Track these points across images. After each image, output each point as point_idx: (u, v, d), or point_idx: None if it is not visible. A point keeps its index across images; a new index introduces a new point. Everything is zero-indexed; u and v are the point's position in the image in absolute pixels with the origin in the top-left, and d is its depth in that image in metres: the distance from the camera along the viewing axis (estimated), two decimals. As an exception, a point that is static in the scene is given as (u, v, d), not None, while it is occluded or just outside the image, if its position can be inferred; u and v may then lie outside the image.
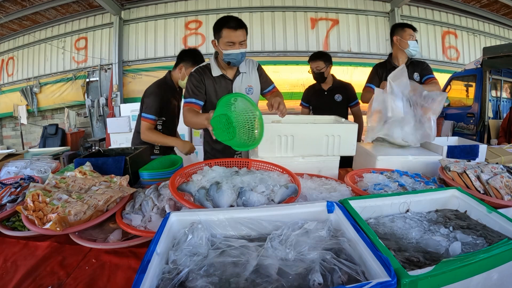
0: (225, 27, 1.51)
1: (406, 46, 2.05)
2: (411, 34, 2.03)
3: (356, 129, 1.47)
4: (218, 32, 1.55)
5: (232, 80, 1.70)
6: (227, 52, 1.53)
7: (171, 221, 0.73)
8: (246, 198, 0.93)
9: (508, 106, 5.11)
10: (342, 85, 2.55)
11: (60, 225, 0.87)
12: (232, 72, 1.71)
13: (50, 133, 5.85)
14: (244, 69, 1.72)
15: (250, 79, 1.74)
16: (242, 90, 1.72)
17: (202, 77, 1.68)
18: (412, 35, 2.03)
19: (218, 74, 1.68)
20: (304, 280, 0.58)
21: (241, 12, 5.84)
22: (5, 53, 6.82)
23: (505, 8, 6.23)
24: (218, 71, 1.68)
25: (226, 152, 1.70)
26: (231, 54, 1.54)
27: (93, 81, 6.30)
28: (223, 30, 1.51)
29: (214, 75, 1.68)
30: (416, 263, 0.64)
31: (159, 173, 1.33)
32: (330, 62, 2.47)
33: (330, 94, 2.50)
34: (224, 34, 1.51)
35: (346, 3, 5.98)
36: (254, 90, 1.75)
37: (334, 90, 2.51)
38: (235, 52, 1.53)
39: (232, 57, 1.55)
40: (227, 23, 1.50)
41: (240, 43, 1.53)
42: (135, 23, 6.11)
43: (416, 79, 2.11)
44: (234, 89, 1.71)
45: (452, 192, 0.96)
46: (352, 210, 0.78)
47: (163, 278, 0.58)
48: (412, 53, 2.06)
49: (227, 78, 1.70)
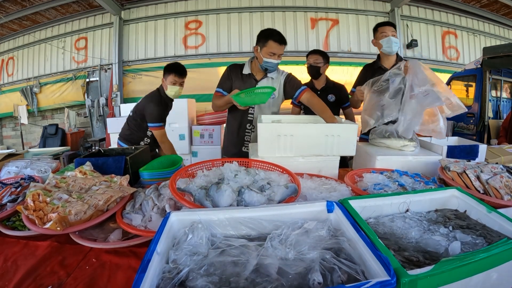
0: (272, 39, 1.75)
1: (380, 47, 2.03)
2: (383, 31, 1.98)
3: (356, 129, 1.47)
4: (264, 42, 1.78)
5: (258, 80, 1.92)
6: (267, 60, 1.79)
7: (171, 220, 0.73)
8: (246, 198, 0.93)
9: (508, 106, 5.11)
10: (335, 86, 2.54)
11: (60, 224, 0.88)
12: (260, 74, 1.93)
13: (50, 133, 5.85)
14: (273, 75, 1.93)
15: (274, 85, 1.92)
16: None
17: (231, 73, 1.94)
18: (384, 32, 1.98)
19: (247, 72, 1.92)
20: (304, 279, 0.58)
21: (241, 12, 5.84)
22: (5, 53, 6.81)
23: (505, 8, 6.22)
24: (248, 70, 1.93)
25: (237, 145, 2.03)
26: (270, 63, 1.80)
27: (93, 81, 6.29)
28: (269, 41, 1.76)
29: (244, 73, 1.93)
30: (416, 263, 0.64)
31: (159, 173, 1.34)
32: (328, 61, 2.47)
33: (323, 94, 2.47)
34: (270, 45, 1.76)
35: (346, 3, 5.97)
36: (276, 95, 1.96)
37: (327, 90, 2.49)
38: (274, 62, 1.80)
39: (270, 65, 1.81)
40: (273, 36, 1.76)
41: (279, 55, 1.79)
42: (135, 23, 6.10)
43: None
44: None
45: (452, 192, 0.96)
46: (352, 210, 0.78)
47: (163, 277, 0.59)
48: (387, 50, 2.01)
49: (254, 77, 1.93)
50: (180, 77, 2.16)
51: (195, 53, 5.95)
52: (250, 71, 1.92)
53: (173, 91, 2.16)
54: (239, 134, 2.01)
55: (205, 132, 4.51)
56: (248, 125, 2.00)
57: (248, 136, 2.01)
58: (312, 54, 2.45)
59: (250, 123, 1.99)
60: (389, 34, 1.97)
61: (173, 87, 2.15)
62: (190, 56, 5.93)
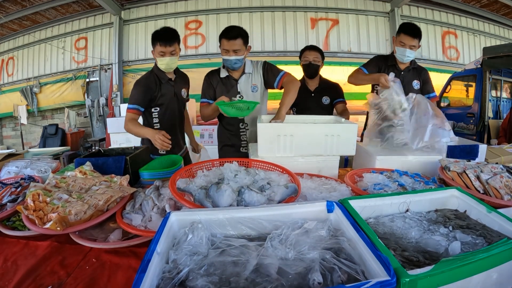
0: (222, 37, 1.75)
1: (394, 52, 2.02)
2: (401, 41, 1.94)
3: (356, 128, 1.47)
4: (219, 40, 1.78)
5: (237, 80, 1.90)
6: (224, 57, 1.80)
7: (171, 220, 0.73)
8: (246, 198, 0.93)
9: (508, 106, 5.11)
10: (329, 85, 2.35)
11: (60, 224, 0.88)
12: (237, 73, 1.91)
13: (50, 133, 5.85)
14: (250, 69, 1.91)
15: (254, 79, 1.92)
16: (247, 89, 1.91)
17: (210, 80, 1.93)
18: (402, 42, 1.94)
19: (224, 75, 1.91)
20: (304, 279, 0.58)
21: (241, 12, 5.85)
22: (5, 53, 6.81)
23: (505, 8, 6.23)
24: (225, 72, 1.91)
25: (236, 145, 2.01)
26: (226, 60, 1.80)
27: (93, 81, 6.30)
28: (221, 39, 1.76)
29: (222, 76, 1.91)
30: (416, 263, 0.64)
31: (159, 173, 1.33)
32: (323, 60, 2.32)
33: (317, 96, 2.31)
34: (222, 43, 1.76)
35: (346, 3, 5.98)
36: (259, 88, 1.93)
37: (321, 92, 2.31)
38: (229, 58, 1.77)
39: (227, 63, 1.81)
40: (223, 34, 1.75)
41: (234, 51, 1.75)
42: (135, 23, 6.11)
43: (415, 87, 2.06)
44: (239, 88, 1.90)
45: (452, 192, 0.96)
46: (351, 210, 0.78)
47: (163, 277, 0.59)
48: (399, 59, 2.01)
49: (233, 78, 1.90)
50: (166, 46, 1.79)
51: (195, 53, 5.96)
52: (227, 73, 1.90)
53: (163, 63, 1.83)
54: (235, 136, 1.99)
55: (205, 132, 4.51)
56: (241, 124, 1.97)
57: (244, 136, 1.99)
58: (311, 51, 2.25)
59: (242, 122, 1.97)
60: (407, 46, 1.93)
61: (162, 59, 1.82)
62: (190, 56, 5.94)
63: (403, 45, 1.94)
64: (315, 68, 2.26)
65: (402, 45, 1.94)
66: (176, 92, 2.00)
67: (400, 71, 2.06)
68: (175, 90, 1.99)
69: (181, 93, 2.04)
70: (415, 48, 1.95)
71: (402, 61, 2.01)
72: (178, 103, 2.02)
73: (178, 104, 2.03)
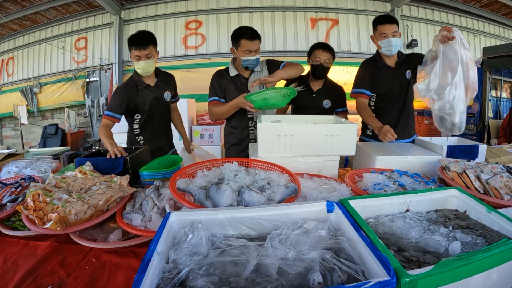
0: (243, 38, 1.77)
1: (379, 48, 1.92)
2: (382, 32, 1.86)
3: (356, 128, 1.47)
4: (237, 42, 1.80)
5: (247, 78, 1.96)
6: (244, 58, 1.81)
7: (171, 220, 0.74)
8: (246, 198, 0.93)
9: (508, 106, 5.11)
10: (333, 87, 2.21)
11: (60, 224, 0.88)
12: (247, 71, 1.96)
13: (50, 133, 5.85)
14: (258, 68, 1.96)
15: (263, 74, 1.97)
16: (257, 87, 1.92)
17: (220, 79, 1.96)
18: (384, 33, 1.85)
19: (234, 74, 1.95)
20: (304, 279, 0.58)
21: (241, 12, 5.84)
22: (5, 53, 6.81)
23: (505, 8, 6.22)
24: (234, 71, 1.95)
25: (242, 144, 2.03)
26: (248, 60, 1.82)
27: (93, 81, 6.29)
28: (241, 40, 1.78)
29: (232, 75, 1.95)
30: (416, 263, 0.64)
31: (159, 173, 1.34)
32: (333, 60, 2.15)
33: (319, 98, 2.18)
34: (242, 44, 1.78)
35: (346, 3, 5.97)
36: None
37: (323, 94, 2.18)
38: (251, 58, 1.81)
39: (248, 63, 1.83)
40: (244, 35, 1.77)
41: (256, 51, 1.80)
42: (135, 23, 6.10)
43: (407, 76, 1.96)
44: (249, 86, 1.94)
45: (452, 192, 0.96)
46: (351, 210, 0.78)
47: (163, 277, 0.59)
48: (387, 53, 1.92)
49: (242, 76, 1.96)
50: (141, 49, 1.75)
51: (195, 53, 5.95)
52: (237, 71, 1.94)
53: (139, 67, 1.82)
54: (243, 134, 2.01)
55: (205, 132, 4.51)
56: (250, 123, 2.00)
57: (253, 134, 2.01)
58: (324, 51, 2.07)
59: (251, 120, 1.99)
60: (390, 35, 1.85)
61: (138, 63, 1.81)
62: (190, 56, 5.93)
63: (386, 36, 1.87)
64: (325, 70, 2.11)
65: (385, 36, 1.87)
66: (157, 96, 1.98)
67: (393, 69, 1.97)
68: (156, 95, 1.97)
69: (163, 96, 2.02)
70: (397, 34, 1.87)
71: (390, 53, 1.91)
72: (160, 107, 2.01)
73: (161, 108, 2.02)
